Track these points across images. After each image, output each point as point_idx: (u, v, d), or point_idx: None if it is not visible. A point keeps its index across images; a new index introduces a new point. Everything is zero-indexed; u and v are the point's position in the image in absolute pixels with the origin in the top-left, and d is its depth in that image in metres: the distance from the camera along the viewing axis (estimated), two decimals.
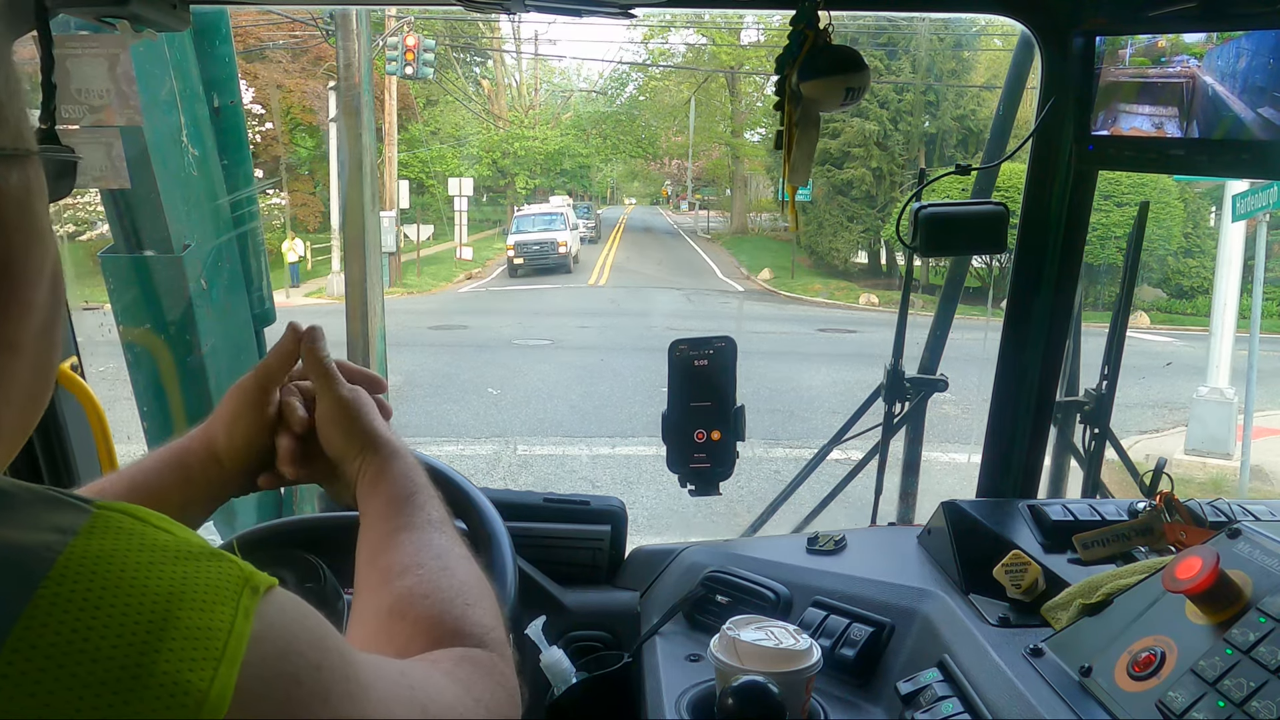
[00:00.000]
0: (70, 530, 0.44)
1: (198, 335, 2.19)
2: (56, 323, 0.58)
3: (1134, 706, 0.91)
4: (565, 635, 1.49)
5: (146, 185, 2.02)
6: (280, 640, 0.48)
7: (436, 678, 0.65)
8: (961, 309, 2.13)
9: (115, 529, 0.46)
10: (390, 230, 16.56)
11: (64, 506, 0.46)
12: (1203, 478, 7.34)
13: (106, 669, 0.41)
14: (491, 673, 0.71)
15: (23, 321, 0.53)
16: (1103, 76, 1.32)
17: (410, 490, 0.85)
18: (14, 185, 0.51)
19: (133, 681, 0.41)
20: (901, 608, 1.29)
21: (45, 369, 0.58)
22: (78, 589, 0.42)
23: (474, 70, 34.73)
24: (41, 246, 0.54)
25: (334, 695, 0.50)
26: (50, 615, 0.41)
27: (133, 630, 0.42)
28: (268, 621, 0.47)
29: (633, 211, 48.42)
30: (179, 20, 1.33)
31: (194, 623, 0.44)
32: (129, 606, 0.43)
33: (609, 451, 7.91)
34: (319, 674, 0.50)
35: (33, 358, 0.56)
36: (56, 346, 0.59)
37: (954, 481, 5.95)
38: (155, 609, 0.43)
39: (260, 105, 19.48)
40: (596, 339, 13.33)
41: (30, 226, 0.53)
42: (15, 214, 0.51)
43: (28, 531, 0.44)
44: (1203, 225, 16.69)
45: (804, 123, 1.26)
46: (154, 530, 0.47)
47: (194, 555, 0.47)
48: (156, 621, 0.43)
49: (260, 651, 0.46)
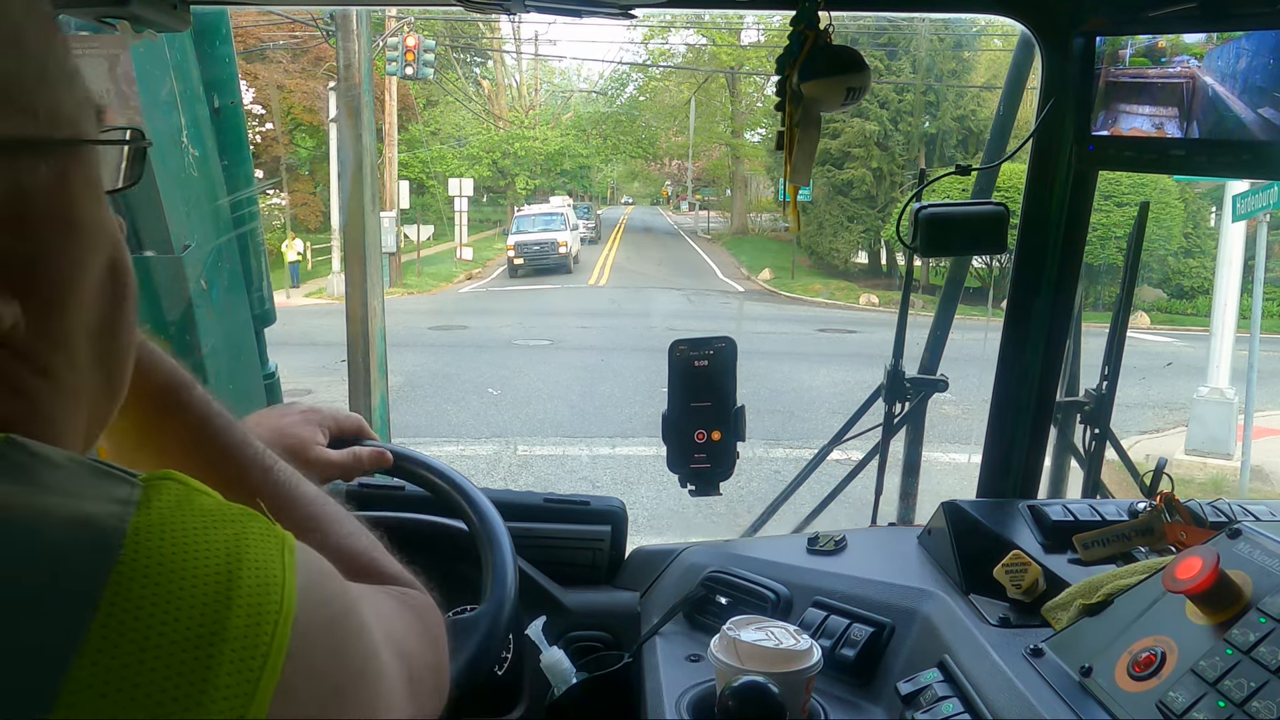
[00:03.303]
0: (130, 501, 0.46)
1: (198, 335, 2.19)
2: (119, 324, 0.57)
3: (1134, 707, 0.91)
4: (565, 635, 1.49)
5: (146, 185, 2.01)
6: (320, 590, 0.51)
7: (399, 611, 0.70)
8: (961, 309, 2.13)
9: (168, 497, 0.47)
10: (390, 230, 16.58)
11: (112, 478, 0.48)
12: (1203, 478, 7.34)
13: (188, 629, 0.42)
14: (434, 611, 0.76)
15: (66, 319, 0.52)
16: (1103, 76, 1.32)
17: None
18: (43, 177, 0.49)
19: (212, 637, 0.43)
20: (902, 608, 1.29)
21: (112, 369, 0.57)
22: (151, 556, 0.44)
23: (474, 71, 34.75)
24: (83, 240, 0.52)
25: (363, 633, 0.54)
26: (133, 582, 0.42)
27: (205, 590, 0.44)
28: (306, 573, 0.50)
29: (632, 212, 48.41)
30: (179, 21, 1.33)
31: (254, 580, 0.46)
32: (198, 568, 0.44)
33: (609, 452, 7.92)
34: (350, 617, 0.53)
35: (92, 359, 0.55)
36: (121, 348, 0.58)
37: (954, 481, 5.95)
38: (220, 569, 0.45)
39: (260, 105, 19.51)
40: (597, 339, 13.33)
41: (67, 220, 0.51)
42: (46, 207, 0.50)
43: (93, 503, 0.45)
44: (1203, 225, 16.70)
45: (805, 123, 1.26)
46: (198, 495, 0.49)
47: (237, 517, 0.49)
48: (223, 582, 0.45)
49: (308, 601, 0.48)
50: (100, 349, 0.55)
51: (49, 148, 0.50)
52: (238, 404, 2.28)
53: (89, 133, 0.53)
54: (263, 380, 2.45)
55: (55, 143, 0.50)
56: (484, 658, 1.04)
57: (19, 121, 0.48)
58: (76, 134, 0.52)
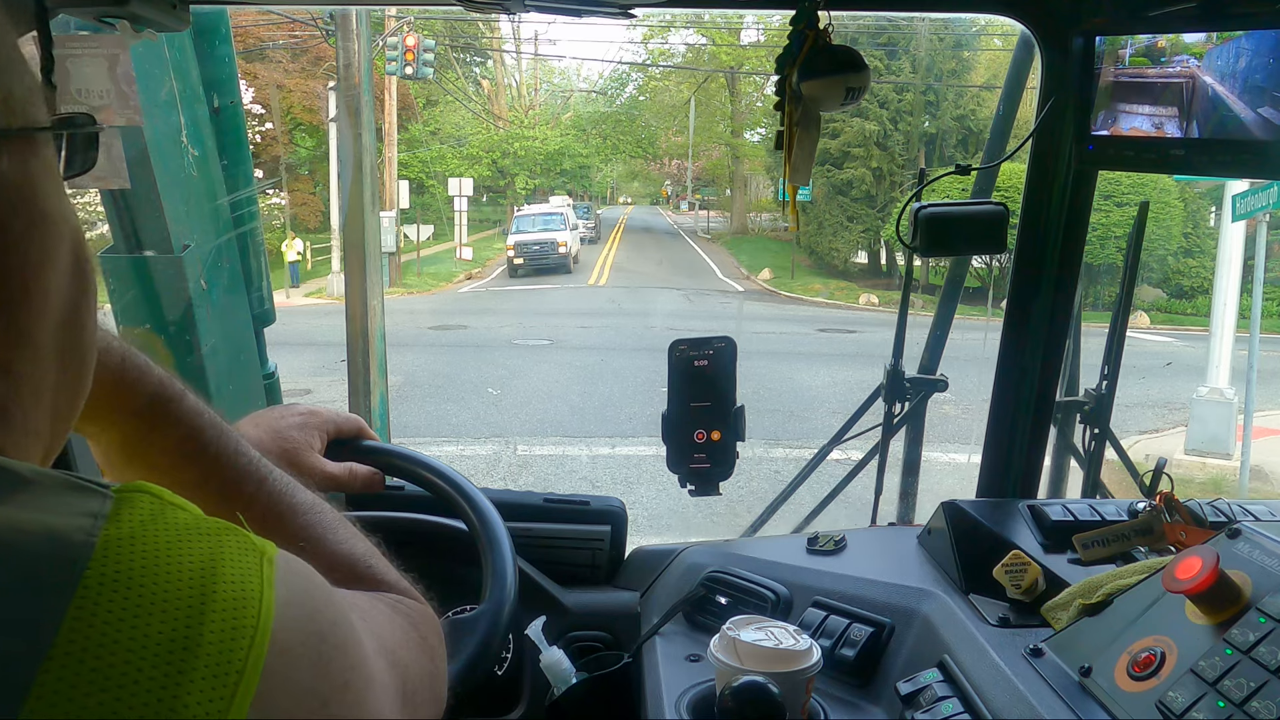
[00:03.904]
0: (100, 515, 0.45)
1: (198, 335, 2.19)
2: (83, 315, 0.56)
3: (1134, 707, 0.91)
4: (565, 635, 1.49)
5: (146, 185, 2.01)
6: (303, 604, 0.50)
7: (393, 620, 0.69)
8: (961, 309, 2.13)
9: (140, 510, 0.47)
10: (390, 230, 16.57)
11: (85, 491, 0.47)
12: (1203, 478, 7.35)
13: (158, 645, 0.42)
14: (431, 620, 0.76)
15: (34, 314, 0.51)
16: (1103, 76, 1.32)
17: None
18: (6, 169, 0.48)
19: (183, 654, 0.42)
20: (901, 608, 1.29)
21: (74, 364, 0.56)
22: (120, 572, 0.43)
23: (474, 70, 34.74)
24: (50, 232, 0.51)
25: (349, 644, 0.53)
26: (100, 597, 0.42)
27: (175, 608, 0.43)
28: (289, 587, 0.49)
29: (632, 211, 48.39)
30: (179, 20, 1.33)
31: (229, 596, 0.45)
32: (169, 585, 0.44)
33: (609, 451, 7.92)
34: (336, 628, 0.52)
35: (55, 352, 0.54)
36: (85, 340, 0.57)
37: (954, 481, 5.95)
38: (193, 586, 0.44)
39: (260, 105, 19.49)
40: (596, 339, 13.33)
41: (33, 211, 0.50)
42: (11, 198, 0.49)
43: (60, 516, 0.44)
44: (1203, 225, 16.70)
45: (804, 123, 1.26)
46: (173, 509, 0.48)
47: (213, 531, 0.48)
48: (196, 598, 0.44)
49: (288, 616, 0.47)
50: (65, 342, 0.54)
51: (7, 137, 0.49)
52: (237, 404, 2.29)
53: (42, 120, 0.52)
54: (262, 380, 2.45)
55: (12, 132, 0.49)
56: (484, 658, 1.04)
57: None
58: (30, 122, 0.51)
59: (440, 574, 1.03)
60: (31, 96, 0.51)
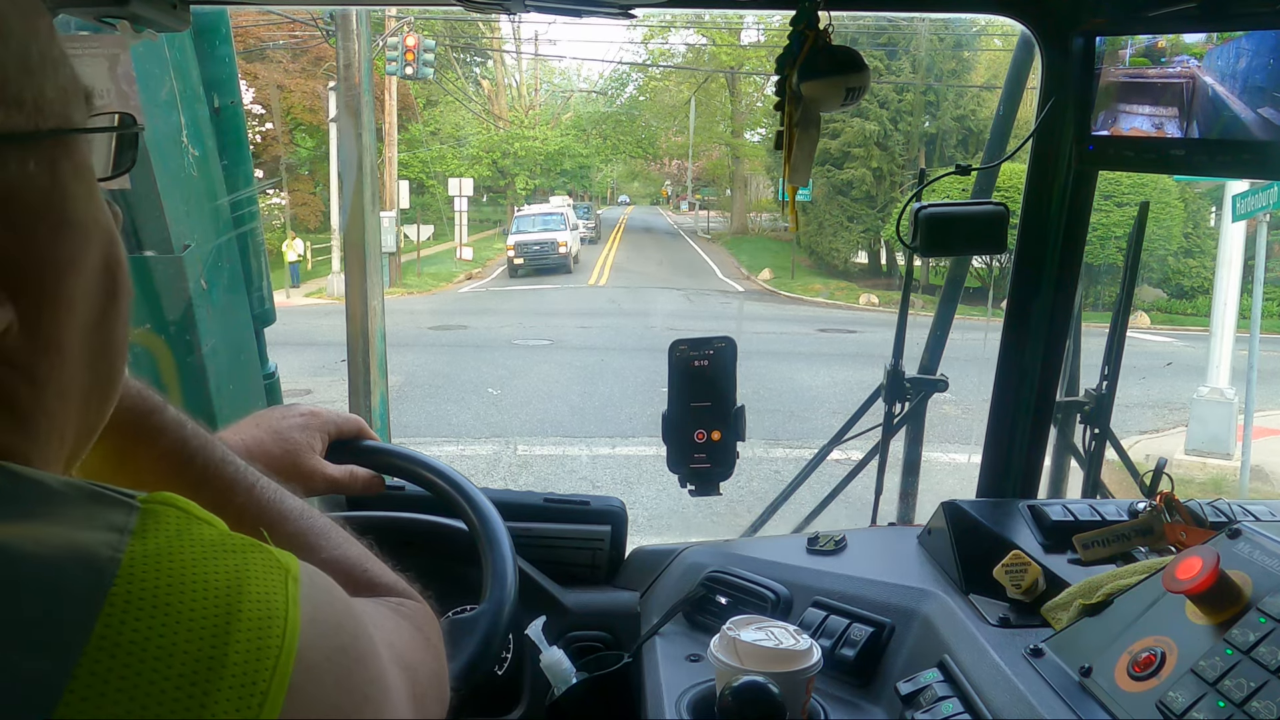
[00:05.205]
0: (126, 529, 0.45)
1: (198, 335, 2.19)
2: (112, 320, 0.55)
3: (1134, 707, 0.91)
4: (565, 635, 1.49)
5: (146, 185, 2.02)
6: (326, 620, 0.50)
7: (398, 624, 0.69)
8: (961, 309, 2.13)
9: (167, 526, 0.47)
10: (390, 230, 16.57)
11: (110, 502, 0.47)
12: (1203, 478, 7.34)
13: (184, 664, 0.42)
14: (430, 619, 0.76)
15: (61, 319, 0.50)
16: (1103, 76, 1.32)
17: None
18: (34, 172, 0.47)
19: (208, 674, 0.42)
20: (902, 608, 1.29)
21: (103, 369, 0.56)
22: (146, 588, 0.43)
23: (474, 70, 34.74)
24: (77, 236, 0.50)
25: (369, 657, 0.53)
26: (126, 616, 0.42)
27: (202, 625, 0.43)
28: (313, 603, 0.49)
29: (632, 212, 48.37)
30: (179, 20, 1.33)
31: (255, 615, 0.45)
32: (195, 602, 0.44)
33: (609, 451, 7.91)
34: (357, 642, 0.52)
35: (83, 358, 0.53)
36: (115, 345, 0.56)
37: (954, 481, 5.96)
38: (219, 604, 0.44)
39: (260, 105, 19.50)
40: (596, 339, 13.33)
41: (60, 215, 0.49)
42: (37, 202, 0.48)
43: (86, 530, 0.44)
44: (1203, 225, 16.69)
45: (804, 123, 1.26)
46: (199, 524, 0.48)
47: (239, 548, 0.48)
48: (222, 615, 0.44)
49: (313, 634, 0.47)
50: (94, 347, 0.54)
51: (36, 139, 0.48)
52: (237, 404, 2.29)
53: (77, 121, 0.51)
54: (263, 380, 2.45)
55: (43, 134, 0.48)
56: (484, 658, 1.04)
57: (3, 115, 0.46)
58: (64, 123, 0.50)
59: (440, 574, 1.04)
60: (65, 97, 0.50)
